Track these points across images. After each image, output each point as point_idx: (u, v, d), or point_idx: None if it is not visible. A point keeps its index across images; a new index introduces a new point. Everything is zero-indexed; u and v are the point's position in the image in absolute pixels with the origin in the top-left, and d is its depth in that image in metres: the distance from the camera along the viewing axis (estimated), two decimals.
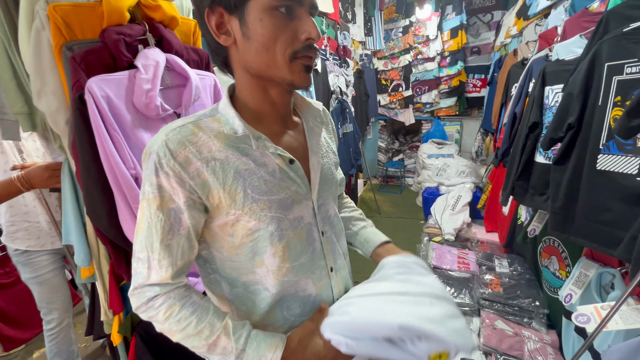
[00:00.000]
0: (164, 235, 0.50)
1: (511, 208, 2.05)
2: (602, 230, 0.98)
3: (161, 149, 0.48)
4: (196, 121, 0.52)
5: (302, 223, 0.57)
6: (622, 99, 0.94)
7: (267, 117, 0.57)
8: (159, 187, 0.49)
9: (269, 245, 0.54)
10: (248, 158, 0.52)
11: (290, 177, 0.56)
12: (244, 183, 0.51)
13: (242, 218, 0.52)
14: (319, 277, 0.61)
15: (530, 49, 2.03)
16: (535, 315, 1.54)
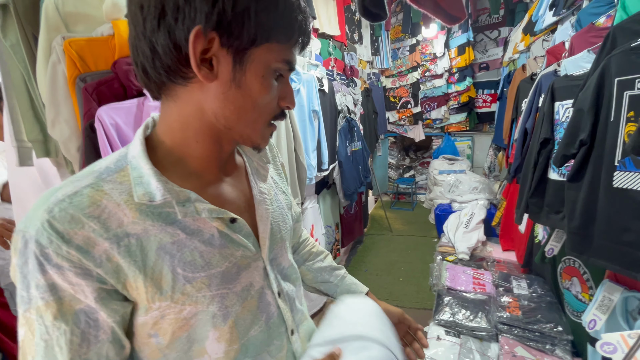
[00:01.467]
0: (74, 351, 0.35)
1: (528, 226, 1.98)
2: (623, 251, 0.93)
3: (43, 235, 0.34)
4: (96, 183, 0.37)
5: (252, 291, 0.47)
6: (635, 114, 0.91)
7: (203, 166, 0.45)
8: (51, 288, 0.34)
9: (211, 329, 0.43)
10: (175, 227, 0.40)
11: (233, 241, 0.44)
12: (171, 261, 0.39)
13: (169, 311, 0.40)
14: (277, 348, 0.50)
15: (539, 64, 2.01)
16: (559, 342, 1.45)
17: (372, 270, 2.78)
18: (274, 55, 0.40)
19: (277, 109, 0.44)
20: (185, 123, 0.42)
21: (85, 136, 0.79)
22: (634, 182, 0.91)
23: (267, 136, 0.45)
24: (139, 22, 0.37)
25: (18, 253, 0.35)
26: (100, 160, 0.42)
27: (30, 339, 0.35)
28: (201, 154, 0.44)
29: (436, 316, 1.72)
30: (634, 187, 0.91)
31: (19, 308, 0.36)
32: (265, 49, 0.39)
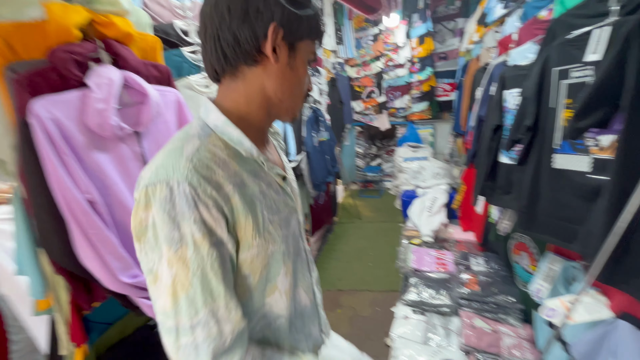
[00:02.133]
0: (224, 273, 0.45)
1: (484, 207, 2.12)
2: (561, 225, 1.03)
3: (193, 178, 0.42)
4: (200, 144, 0.47)
5: (295, 236, 0.59)
6: (572, 101, 1.00)
7: (257, 135, 0.56)
8: (203, 222, 0.42)
9: (282, 265, 0.54)
10: (259, 179, 0.52)
11: (286, 193, 0.58)
12: (261, 206, 0.50)
13: (261, 248, 0.49)
14: (307, 286, 0.63)
15: (491, 54, 2.12)
16: (511, 311, 1.59)
17: (342, 258, 2.84)
18: (310, 48, 0.53)
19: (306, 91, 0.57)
20: (250, 98, 0.52)
21: (20, 132, 0.71)
22: (570, 163, 1.00)
23: (299, 111, 0.59)
24: (225, 20, 0.47)
25: (162, 200, 0.41)
26: (181, 133, 0.50)
27: (184, 273, 0.42)
28: (258, 124, 0.55)
29: (403, 297, 1.80)
30: (570, 168, 1.00)
31: (167, 250, 0.42)
32: (306, 43, 0.52)
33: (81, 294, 0.85)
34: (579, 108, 0.77)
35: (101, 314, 1.06)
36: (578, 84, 0.96)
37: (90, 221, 0.74)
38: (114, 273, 0.80)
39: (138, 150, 0.91)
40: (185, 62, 1.26)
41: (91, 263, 0.78)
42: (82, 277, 0.82)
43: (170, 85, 1.06)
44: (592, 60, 0.89)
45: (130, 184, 0.89)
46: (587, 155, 0.95)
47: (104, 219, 0.78)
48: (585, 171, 0.96)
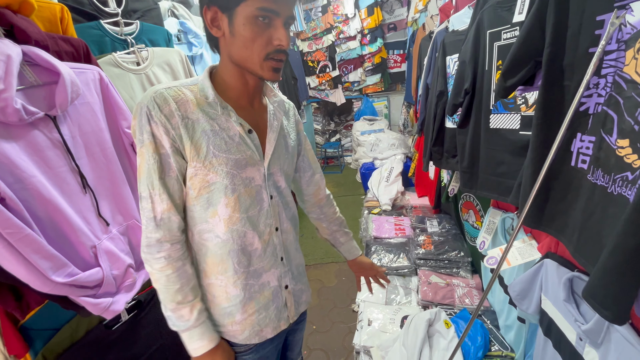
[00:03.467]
0: (160, 173, 0.62)
1: (436, 172, 2.23)
2: (498, 181, 1.11)
3: (150, 103, 0.60)
4: (179, 86, 0.64)
5: (253, 183, 0.69)
6: (502, 62, 1.05)
7: (238, 94, 0.69)
8: (152, 134, 0.60)
9: (223, 196, 0.66)
10: (214, 122, 0.64)
11: (246, 143, 0.67)
12: (207, 140, 0.63)
13: (200, 172, 0.63)
14: (263, 233, 0.72)
15: (435, 22, 2.16)
16: (462, 265, 1.73)
17: (307, 234, 2.88)
18: (249, 9, 0.58)
19: (269, 47, 0.61)
20: (225, 66, 0.67)
21: None
22: (504, 122, 1.07)
23: (266, 69, 0.63)
24: None
25: (137, 115, 0.61)
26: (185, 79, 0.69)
27: (141, 164, 0.62)
28: (235, 85, 0.68)
29: None
30: (504, 127, 1.07)
31: (137, 146, 0.62)
32: (243, 6, 0.58)
33: (10, 302, 0.77)
34: (505, 67, 0.81)
35: (43, 319, 0.97)
36: (508, 45, 1.01)
37: (4, 220, 0.65)
38: (44, 274, 0.73)
39: (57, 137, 0.81)
40: (107, 35, 1.12)
41: (13, 267, 0.69)
42: (8, 284, 0.73)
43: (89, 62, 0.94)
44: (519, 21, 0.94)
45: (52, 175, 0.80)
46: (517, 114, 1.02)
47: (22, 216, 0.69)
48: (516, 128, 1.03)
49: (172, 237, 0.65)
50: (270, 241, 0.75)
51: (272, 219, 0.74)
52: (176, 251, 0.65)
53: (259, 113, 0.73)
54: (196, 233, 0.69)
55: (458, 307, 1.51)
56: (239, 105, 0.69)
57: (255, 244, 0.72)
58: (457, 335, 1.26)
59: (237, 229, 0.68)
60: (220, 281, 0.71)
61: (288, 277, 0.81)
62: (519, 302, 1.02)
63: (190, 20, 1.54)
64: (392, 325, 1.45)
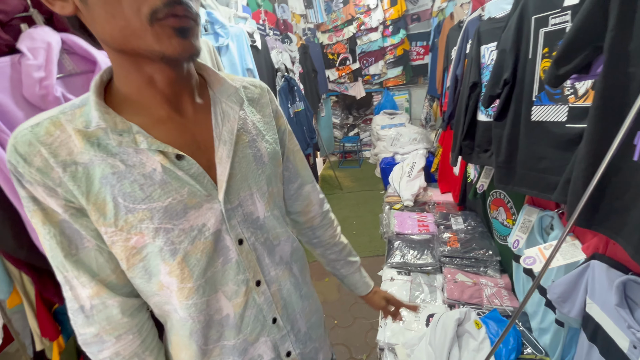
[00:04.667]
0: (67, 250, 0.43)
1: (461, 168, 2.16)
2: (540, 177, 1.05)
3: (12, 156, 0.39)
4: (56, 116, 0.41)
5: (206, 232, 0.46)
6: (549, 50, 0.98)
7: (148, 102, 0.44)
8: (33, 199, 0.41)
9: (161, 262, 0.45)
10: (115, 158, 0.41)
11: (177, 178, 0.44)
12: (112, 191, 0.41)
13: (117, 237, 0.43)
14: (234, 293, 0.50)
15: (465, 10, 2.07)
16: (490, 264, 1.67)
17: None
18: None
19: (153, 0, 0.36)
20: (111, 60, 0.42)
21: None
22: (548, 114, 1.00)
23: (164, 37, 0.38)
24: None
25: None
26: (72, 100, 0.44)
27: (41, 240, 0.43)
28: (139, 88, 0.43)
29: (388, 260, 1.85)
30: (548, 119, 1.00)
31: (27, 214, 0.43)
32: None
33: (47, 286, 0.79)
34: (559, 53, 0.75)
35: None
36: (557, 31, 0.94)
37: None
38: None
39: None
40: None
41: None
42: (46, 269, 0.75)
43: None
44: (571, 4, 0.87)
45: None
46: (564, 105, 0.95)
47: None
48: (562, 121, 0.96)
49: (116, 328, 0.45)
50: (250, 303, 0.52)
51: (247, 272, 0.51)
52: (126, 346, 0.46)
53: (198, 120, 0.49)
54: (153, 306, 0.50)
55: (486, 307, 1.46)
56: (156, 119, 0.45)
57: (225, 310, 0.50)
58: (487, 336, 1.21)
59: (194, 302, 0.47)
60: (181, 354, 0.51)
61: (289, 342, 0.58)
62: (560, 305, 0.97)
63: (217, 11, 1.53)
64: (417, 323, 1.42)
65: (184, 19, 0.38)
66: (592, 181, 0.68)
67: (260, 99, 0.57)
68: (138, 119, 0.43)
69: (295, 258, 0.61)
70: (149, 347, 0.49)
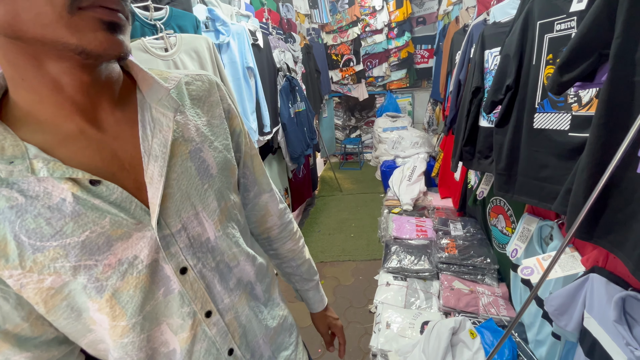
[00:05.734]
0: None
1: (462, 173, 2.14)
2: (540, 186, 1.03)
3: None
4: None
5: (138, 265, 0.39)
6: (553, 56, 0.96)
7: (52, 113, 0.36)
8: None
9: (87, 300, 0.38)
10: (12, 190, 0.34)
11: (95, 207, 0.36)
12: (12, 228, 0.34)
13: (26, 280, 0.35)
14: (180, 327, 0.44)
15: (470, 14, 2.05)
16: (487, 272, 1.64)
17: (324, 230, 2.85)
18: None
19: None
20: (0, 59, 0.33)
21: None
22: (550, 122, 0.98)
23: (86, 29, 0.31)
24: None
25: None
26: None
27: None
28: (37, 94, 0.34)
29: (385, 264, 1.83)
30: (550, 127, 0.98)
31: None
32: None
33: None
34: (562, 59, 0.73)
35: None
36: (562, 37, 0.92)
37: None
38: None
39: None
40: (137, 20, 1.11)
41: None
42: None
43: None
44: (577, 10, 0.85)
45: None
46: (567, 113, 0.93)
47: None
48: (565, 129, 0.94)
49: None
50: (199, 336, 0.46)
51: (193, 303, 0.44)
52: None
53: (119, 133, 0.40)
54: (86, 347, 0.43)
55: (482, 316, 1.43)
56: (65, 137, 0.37)
57: (171, 344, 0.44)
58: (482, 347, 1.19)
59: (130, 341, 0.41)
60: None
61: None
62: (557, 318, 0.94)
63: (219, 8, 1.52)
64: (411, 330, 1.40)
65: (114, 13, 0.32)
66: (594, 193, 0.66)
67: (208, 97, 0.48)
68: (39, 136, 0.35)
69: (260, 277, 0.55)
70: None
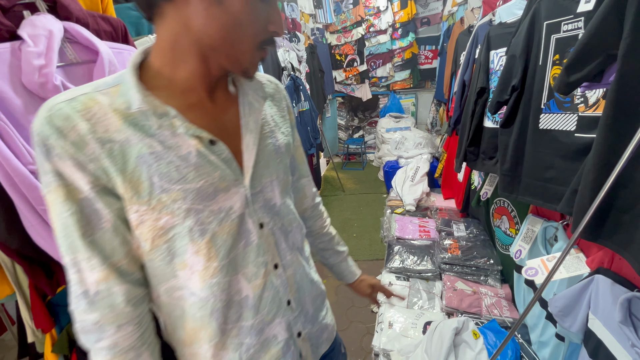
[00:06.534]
0: (83, 230, 0.42)
1: (465, 174, 2.13)
2: (546, 187, 1.02)
3: (45, 128, 0.39)
4: (91, 92, 0.41)
5: (232, 215, 0.49)
6: (560, 57, 0.96)
7: (189, 88, 0.47)
8: (58, 174, 0.40)
9: (189, 242, 0.46)
10: (153, 139, 0.42)
11: (210, 162, 0.46)
12: (148, 170, 0.42)
13: (148, 216, 0.43)
14: (254, 275, 0.52)
15: (476, 15, 2.05)
16: (490, 273, 1.64)
17: None
18: None
19: (265, 33, 0.45)
20: (174, 42, 0.43)
21: None
22: (556, 122, 0.98)
23: (256, 61, 0.46)
24: None
25: (34, 146, 0.40)
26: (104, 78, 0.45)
27: (53, 218, 0.42)
28: (188, 74, 0.46)
29: (387, 264, 1.83)
30: (556, 128, 0.98)
31: (44, 194, 0.42)
32: None
33: (41, 277, 0.78)
34: (570, 60, 0.73)
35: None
36: (569, 37, 0.91)
37: (39, 196, 0.65)
38: None
39: None
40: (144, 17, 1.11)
41: (46, 243, 0.69)
42: (37, 259, 0.74)
43: (126, 42, 0.93)
44: (585, 11, 0.84)
45: None
46: (574, 114, 0.93)
47: None
48: (571, 130, 0.94)
49: (118, 317, 0.44)
50: (268, 285, 0.54)
51: (267, 254, 0.54)
52: (126, 337, 0.45)
53: (226, 109, 0.51)
54: (163, 293, 0.50)
55: (485, 317, 1.43)
56: (190, 105, 0.47)
57: (244, 291, 0.52)
58: (485, 347, 1.19)
59: (218, 281, 0.49)
60: (205, 350, 0.52)
61: (301, 322, 0.61)
62: (561, 319, 0.94)
63: None
64: (414, 330, 1.40)
65: (266, 53, 0.48)
66: (600, 193, 0.66)
67: (275, 95, 0.62)
68: (173, 102, 0.45)
69: (303, 244, 0.65)
70: (147, 342, 0.48)
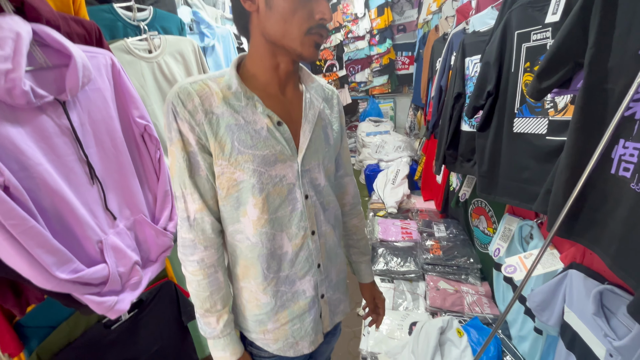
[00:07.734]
0: (190, 172, 0.60)
1: (444, 176, 2.20)
2: (521, 188, 1.07)
3: (175, 99, 0.57)
4: (205, 79, 0.61)
5: (284, 182, 0.64)
6: (530, 64, 1.01)
7: (267, 82, 0.64)
8: (180, 132, 0.58)
9: (250, 196, 0.62)
10: (239, 115, 0.60)
11: (275, 137, 0.62)
12: (232, 136, 0.59)
13: (227, 170, 0.60)
14: (296, 236, 0.67)
15: (450, 23, 2.13)
16: (471, 271, 1.69)
17: None
18: None
19: (310, 21, 0.56)
20: (256, 48, 0.62)
21: None
22: (529, 126, 1.03)
23: (307, 45, 0.58)
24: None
25: (165, 112, 0.60)
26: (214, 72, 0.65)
27: (172, 163, 0.61)
28: (264, 70, 0.63)
29: (372, 267, 1.84)
30: (529, 131, 1.03)
31: (168, 146, 0.61)
32: None
33: (9, 298, 0.72)
34: (541, 68, 0.77)
35: (40, 316, 0.92)
36: (538, 46, 0.97)
37: (7, 210, 0.60)
38: (48, 269, 0.68)
39: (66, 123, 0.76)
40: (120, 20, 1.07)
41: (15, 261, 0.64)
42: (7, 279, 0.69)
43: (100, 46, 0.89)
44: (552, 22, 0.90)
45: (59, 164, 0.75)
46: (544, 118, 0.98)
47: (26, 207, 0.65)
48: (542, 133, 0.99)
49: (206, 240, 0.63)
50: (305, 245, 0.68)
51: (307, 221, 0.68)
52: (210, 256, 0.64)
53: (293, 102, 0.67)
54: (229, 234, 0.67)
55: (468, 314, 1.47)
56: (268, 94, 0.63)
57: (285, 247, 0.67)
58: (469, 345, 1.22)
59: (265, 231, 0.64)
60: (251, 286, 0.68)
61: (325, 286, 0.75)
62: (539, 314, 0.98)
63: (204, 10, 1.50)
64: (400, 332, 1.41)
65: (321, 37, 0.59)
66: (573, 193, 0.70)
67: (331, 99, 0.77)
68: (257, 91, 0.62)
69: (337, 224, 0.78)
70: (221, 264, 0.67)
